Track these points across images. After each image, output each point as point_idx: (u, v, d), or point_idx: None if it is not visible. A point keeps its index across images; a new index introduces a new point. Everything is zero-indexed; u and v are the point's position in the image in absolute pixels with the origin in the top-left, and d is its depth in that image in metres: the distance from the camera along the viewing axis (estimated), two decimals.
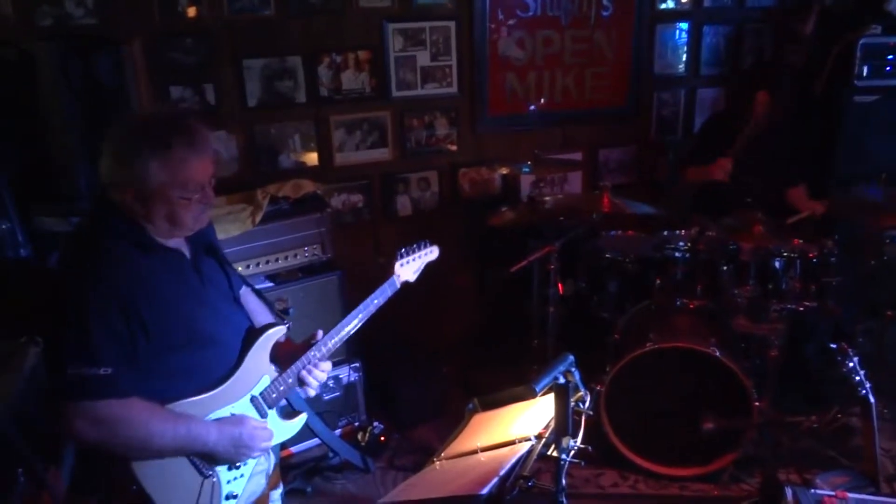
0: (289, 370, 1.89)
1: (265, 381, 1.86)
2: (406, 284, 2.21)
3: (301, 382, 1.93)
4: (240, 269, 2.97)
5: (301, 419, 1.97)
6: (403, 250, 2.23)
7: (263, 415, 1.85)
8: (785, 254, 3.06)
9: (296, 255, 3.12)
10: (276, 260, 3.07)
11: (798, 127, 3.81)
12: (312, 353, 1.92)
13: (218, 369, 1.77)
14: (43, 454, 1.67)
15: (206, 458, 1.72)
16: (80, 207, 2.61)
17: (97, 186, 1.74)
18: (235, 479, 1.80)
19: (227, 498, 1.78)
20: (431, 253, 2.34)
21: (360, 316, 2.04)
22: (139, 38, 3.12)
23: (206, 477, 1.72)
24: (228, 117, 3.45)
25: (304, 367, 1.91)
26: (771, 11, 4.39)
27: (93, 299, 1.57)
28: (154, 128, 1.65)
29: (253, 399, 1.83)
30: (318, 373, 1.94)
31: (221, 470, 1.76)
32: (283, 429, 1.91)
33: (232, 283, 1.92)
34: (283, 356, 1.92)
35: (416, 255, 2.27)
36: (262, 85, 3.47)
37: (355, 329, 2.04)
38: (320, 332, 1.96)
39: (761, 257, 3.08)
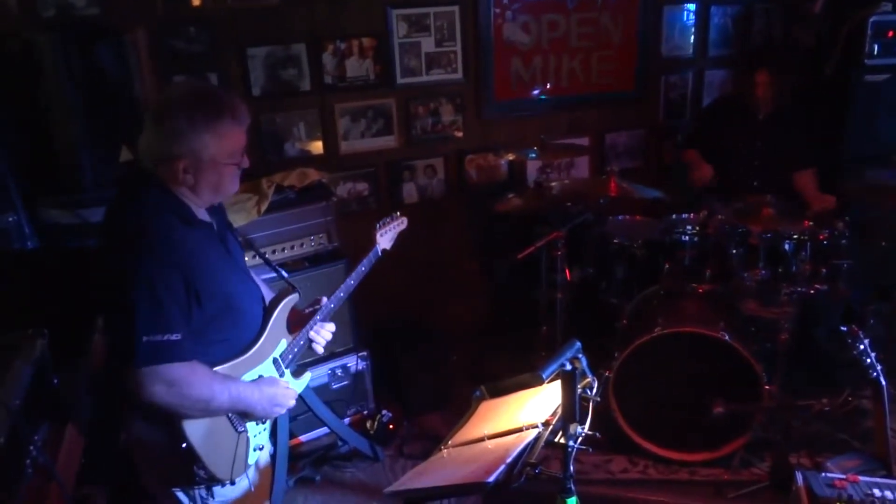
0: (300, 333, 2.11)
1: (283, 345, 2.06)
2: (385, 252, 2.51)
3: (310, 343, 2.16)
4: (246, 258, 2.97)
5: (307, 376, 2.19)
6: (381, 221, 2.53)
7: (281, 374, 2.05)
8: (795, 236, 3.03)
9: (302, 245, 3.12)
10: (283, 249, 3.06)
11: (807, 108, 3.76)
12: (318, 317, 2.16)
13: (245, 334, 1.95)
14: (51, 444, 1.68)
15: (241, 416, 1.90)
16: (85, 199, 2.62)
17: (127, 165, 1.92)
18: (260, 432, 2.02)
19: (255, 449, 1.99)
20: (402, 224, 2.62)
21: (352, 283, 2.34)
22: (142, 26, 3.10)
23: (239, 432, 1.90)
24: None
25: (308, 329, 2.13)
26: None
27: (159, 271, 1.68)
28: (203, 102, 1.75)
29: (274, 361, 2.03)
30: (325, 332, 2.18)
31: (250, 425, 1.96)
32: (296, 385, 2.11)
33: (243, 253, 2.10)
34: (291, 320, 2.13)
35: (391, 225, 2.56)
36: (266, 73, 3.46)
37: (348, 294, 2.31)
38: (324, 299, 2.21)
39: (771, 240, 3.05)
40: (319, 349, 2.20)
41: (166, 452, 1.79)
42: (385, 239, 2.52)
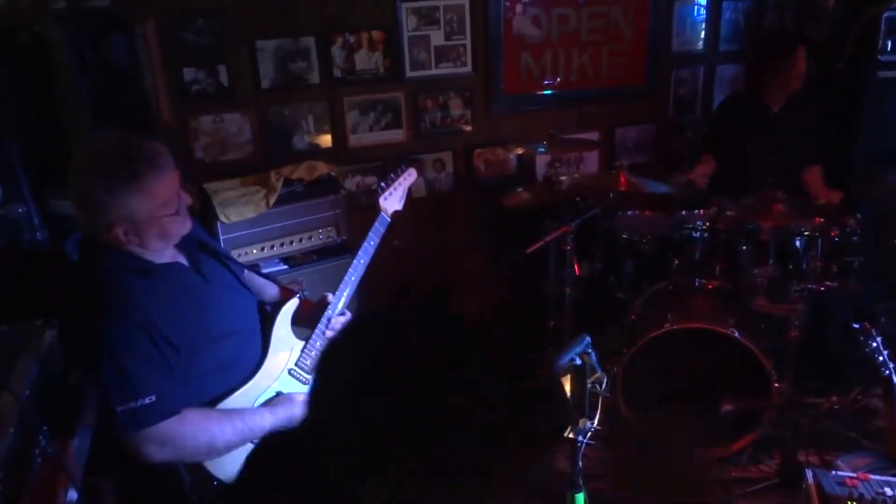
0: (313, 335, 2.01)
1: (296, 352, 1.97)
2: (397, 214, 2.26)
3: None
4: (254, 251, 2.98)
5: None
6: (382, 183, 2.27)
7: (305, 382, 1.95)
8: (806, 233, 3.00)
9: (310, 238, 3.12)
10: (291, 242, 3.07)
11: (818, 104, 3.73)
12: (329, 313, 2.04)
13: (247, 354, 1.89)
14: (60, 435, 1.68)
15: None
16: None
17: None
18: None
19: None
20: (410, 175, 2.36)
21: (362, 262, 2.14)
22: (151, 19, 3.10)
23: None
24: (242, 99, 3.43)
25: (325, 328, 2.03)
26: None
27: (117, 337, 1.64)
28: (114, 166, 1.64)
29: (290, 371, 1.95)
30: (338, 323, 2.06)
31: None
32: None
33: (233, 270, 1.99)
34: (304, 318, 2.05)
35: (396, 183, 2.30)
36: (275, 66, 3.45)
37: (361, 274, 2.14)
38: (330, 296, 2.08)
39: (782, 237, 3.02)
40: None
41: (199, 484, 1.76)
42: (392, 201, 2.28)
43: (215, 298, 1.85)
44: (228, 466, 1.75)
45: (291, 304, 2.00)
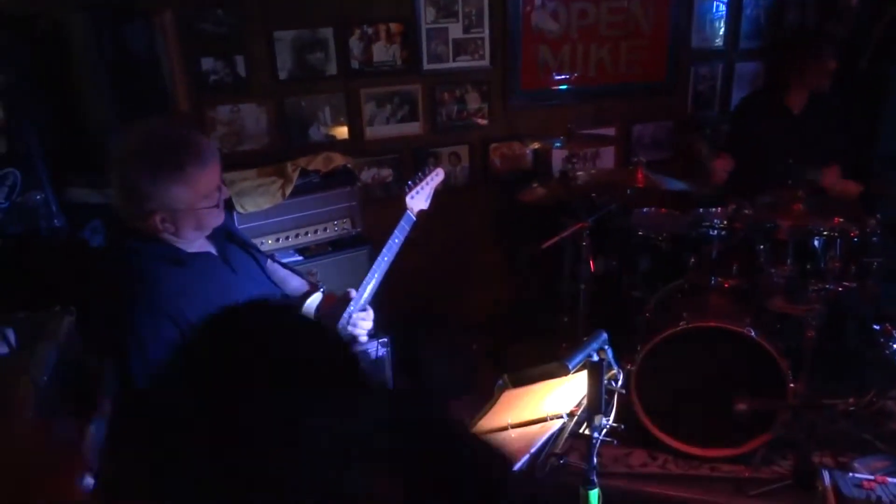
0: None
1: None
2: (422, 213, 2.26)
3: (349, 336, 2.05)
4: (269, 242, 2.98)
5: None
6: (410, 182, 2.27)
7: None
8: (825, 233, 2.97)
9: (325, 229, 3.12)
10: (306, 233, 3.07)
11: (840, 104, 3.69)
12: (351, 309, 2.02)
13: None
14: (77, 419, 1.69)
15: None
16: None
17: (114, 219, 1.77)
18: None
19: None
20: (438, 175, 2.36)
21: (386, 259, 2.14)
22: (170, 8, 3.10)
23: None
24: (259, 89, 3.43)
25: (346, 322, 2.02)
26: None
27: (144, 325, 1.64)
28: (162, 154, 1.66)
29: None
30: (364, 323, 2.06)
31: None
32: None
33: (258, 261, 1.99)
34: (326, 313, 2.04)
35: (423, 182, 2.30)
36: (292, 57, 3.45)
37: (385, 272, 2.13)
38: (353, 291, 2.07)
39: (800, 236, 3.00)
40: (363, 338, 2.11)
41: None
42: (419, 199, 2.28)
43: (242, 289, 1.85)
44: None
45: (314, 299, 2.02)
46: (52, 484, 1.37)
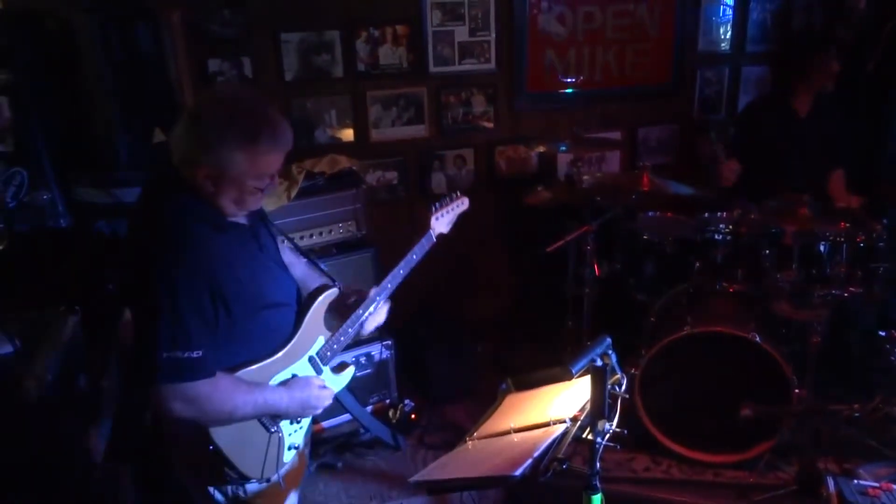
0: (339, 330, 2.00)
1: (320, 342, 1.97)
2: (441, 237, 2.27)
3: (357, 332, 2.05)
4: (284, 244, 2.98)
5: (350, 371, 2.09)
6: (437, 203, 2.29)
7: (319, 371, 1.96)
8: (831, 238, 2.96)
9: (330, 231, 3.12)
10: (311, 235, 3.07)
11: (846, 107, 3.68)
12: (360, 311, 2.02)
13: (279, 331, 1.87)
14: (82, 420, 1.70)
15: (273, 417, 1.84)
16: (120, 178, 2.64)
17: (161, 159, 1.73)
18: (296, 431, 1.93)
19: (290, 448, 1.91)
20: (463, 204, 2.39)
21: (402, 272, 2.13)
22: (178, 9, 3.11)
23: (271, 433, 1.84)
24: (265, 91, 3.44)
25: (354, 325, 2.02)
26: None
27: (184, 284, 1.61)
28: (243, 117, 1.64)
29: (311, 359, 1.94)
30: (377, 318, 2.07)
31: (284, 425, 1.89)
32: (336, 382, 2.03)
33: (276, 242, 1.99)
34: (338, 311, 2.03)
35: (449, 207, 2.33)
36: (299, 59, 3.46)
37: (398, 284, 2.13)
38: (373, 290, 2.06)
39: (806, 241, 2.98)
40: (370, 326, 2.09)
41: (195, 446, 1.75)
42: (442, 223, 2.30)
43: (266, 268, 1.85)
44: (228, 435, 1.74)
45: (331, 293, 2.00)
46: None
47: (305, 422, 1.97)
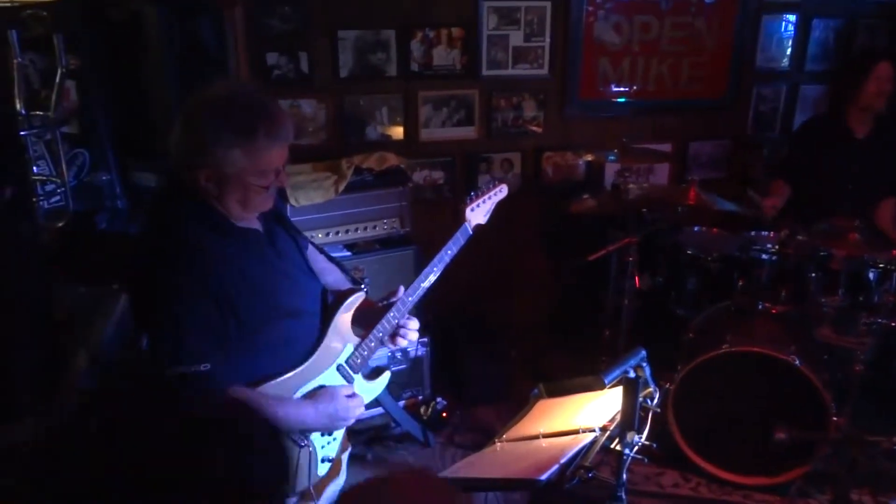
0: (371, 334, 1.88)
1: (349, 349, 1.87)
2: (479, 227, 2.11)
3: (393, 340, 1.94)
4: (319, 236, 3.05)
5: (385, 376, 2.00)
6: (472, 194, 2.12)
7: (350, 380, 1.87)
8: (881, 265, 2.90)
9: (374, 227, 3.17)
10: (356, 230, 3.13)
11: None
12: (392, 314, 1.89)
13: (302, 340, 1.79)
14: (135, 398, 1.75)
15: (302, 431, 1.75)
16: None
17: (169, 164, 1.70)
18: (329, 443, 1.85)
19: (323, 461, 1.84)
20: (501, 192, 2.19)
21: (436, 269, 1.97)
22: (240, 3, 3.19)
23: (301, 447, 1.74)
24: (320, 86, 3.51)
25: (385, 329, 1.90)
26: (887, 5, 4.14)
27: (184, 296, 1.56)
28: (238, 112, 1.59)
29: (339, 368, 1.85)
30: (411, 333, 1.95)
31: (315, 437, 1.80)
32: (369, 390, 1.94)
33: (300, 246, 1.91)
34: (362, 316, 1.91)
35: (486, 196, 2.14)
36: (354, 56, 3.51)
37: (432, 283, 1.98)
38: (402, 289, 1.94)
39: (854, 267, 2.93)
40: (403, 343, 1.98)
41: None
42: (478, 213, 2.11)
43: (285, 275, 1.77)
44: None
45: (356, 299, 1.89)
46: None
47: (339, 433, 1.89)
